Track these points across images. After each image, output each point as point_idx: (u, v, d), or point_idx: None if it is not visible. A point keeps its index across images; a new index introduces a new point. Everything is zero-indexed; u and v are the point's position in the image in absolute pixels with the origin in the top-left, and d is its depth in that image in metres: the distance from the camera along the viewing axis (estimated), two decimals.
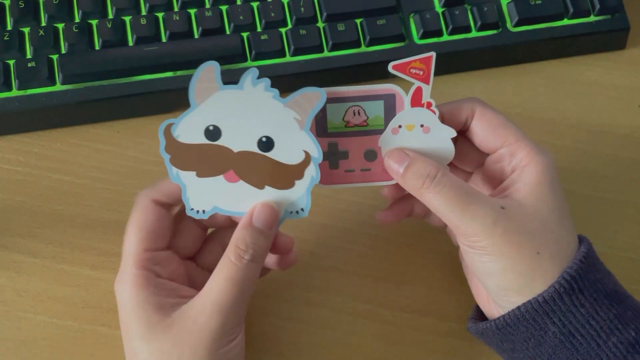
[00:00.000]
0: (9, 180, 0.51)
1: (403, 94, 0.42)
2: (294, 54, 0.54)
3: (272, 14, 0.54)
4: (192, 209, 0.41)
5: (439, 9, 0.56)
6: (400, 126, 0.42)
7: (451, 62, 0.56)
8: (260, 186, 0.41)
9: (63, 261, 0.48)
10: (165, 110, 0.53)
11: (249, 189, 0.41)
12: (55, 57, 0.52)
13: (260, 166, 0.41)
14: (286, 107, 0.40)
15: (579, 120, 0.56)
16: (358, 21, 0.55)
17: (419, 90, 0.42)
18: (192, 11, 0.54)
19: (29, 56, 0.52)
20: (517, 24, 0.56)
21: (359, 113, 0.42)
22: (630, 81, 0.58)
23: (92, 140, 0.53)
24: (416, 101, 0.42)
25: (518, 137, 0.43)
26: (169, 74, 0.52)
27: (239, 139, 0.40)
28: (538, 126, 0.55)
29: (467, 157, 0.46)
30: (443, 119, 0.43)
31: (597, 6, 0.56)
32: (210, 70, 0.39)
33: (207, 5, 0.54)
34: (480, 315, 0.46)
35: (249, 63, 0.53)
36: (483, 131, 0.43)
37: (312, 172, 0.41)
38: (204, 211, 0.41)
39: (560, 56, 0.58)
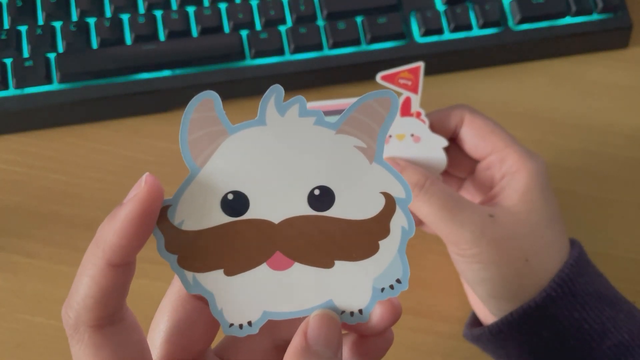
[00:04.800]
0: (6, 180, 0.51)
1: None
2: (293, 53, 0.53)
3: (272, 12, 0.54)
4: (232, 325, 0.28)
5: (440, 7, 0.55)
6: (390, 136, 0.42)
7: (452, 61, 0.55)
8: (327, 264, 0.28)
9: (60, 262, 0.48)
10: (163, 109, 0.52)
11: (310, 272, 0.28)
12: (52, 55, 0.51)
13: (319, 234, 0.28)
14: (339, 133, 0.28)
15: (580, 119, 0.55)
16: (358, 19, 0.54)
17: (408, 100, 0.42)
18: (191, 9, 0.54)
19: (26, 55, 0.51)
20: (520, 22, 0.55)
21: None
22: (633, 80, 0.57)
23: (89, 140, 0.52)
24: (405, 111, 0.42)
25: (507, 143, 0.42)
26: (168, 72, 0.52)
27: (279, 202, 0.28)
28: (540, 125, 0.55)
29: (458, 164, 0.45)
30: (433, 128, 0.43)
31: (600, 4, 0.56)
32: (206, 106, 0.26)
33: (206, 4, 0.54)
34: (476, 321, 0.46)
35: (248, 61, 0.53)
36: (472, 138, 0.43)
37: (402, 222, 0.28)
38: (249, 323, 0.28)
39: (562, 55, 0.57)
